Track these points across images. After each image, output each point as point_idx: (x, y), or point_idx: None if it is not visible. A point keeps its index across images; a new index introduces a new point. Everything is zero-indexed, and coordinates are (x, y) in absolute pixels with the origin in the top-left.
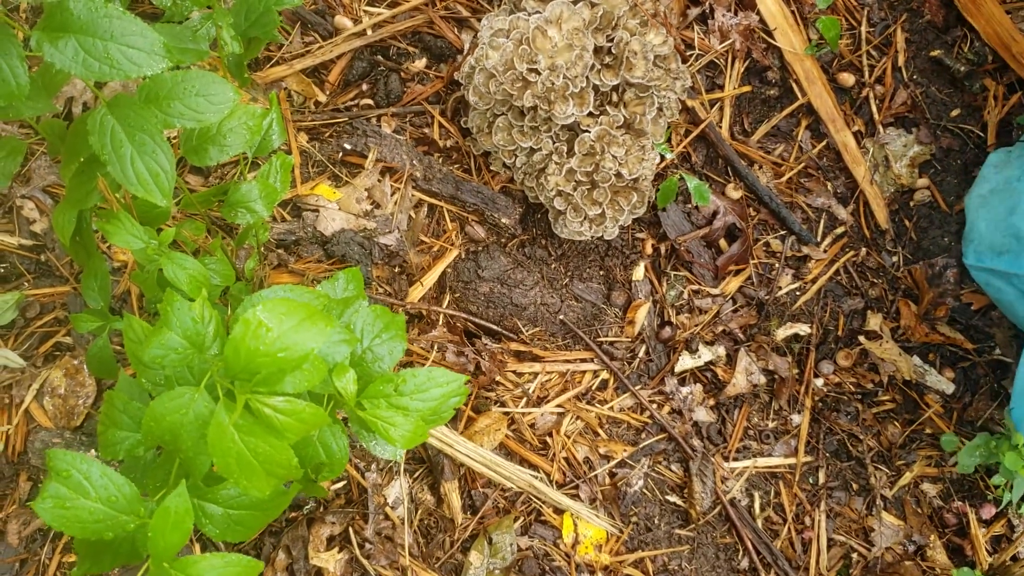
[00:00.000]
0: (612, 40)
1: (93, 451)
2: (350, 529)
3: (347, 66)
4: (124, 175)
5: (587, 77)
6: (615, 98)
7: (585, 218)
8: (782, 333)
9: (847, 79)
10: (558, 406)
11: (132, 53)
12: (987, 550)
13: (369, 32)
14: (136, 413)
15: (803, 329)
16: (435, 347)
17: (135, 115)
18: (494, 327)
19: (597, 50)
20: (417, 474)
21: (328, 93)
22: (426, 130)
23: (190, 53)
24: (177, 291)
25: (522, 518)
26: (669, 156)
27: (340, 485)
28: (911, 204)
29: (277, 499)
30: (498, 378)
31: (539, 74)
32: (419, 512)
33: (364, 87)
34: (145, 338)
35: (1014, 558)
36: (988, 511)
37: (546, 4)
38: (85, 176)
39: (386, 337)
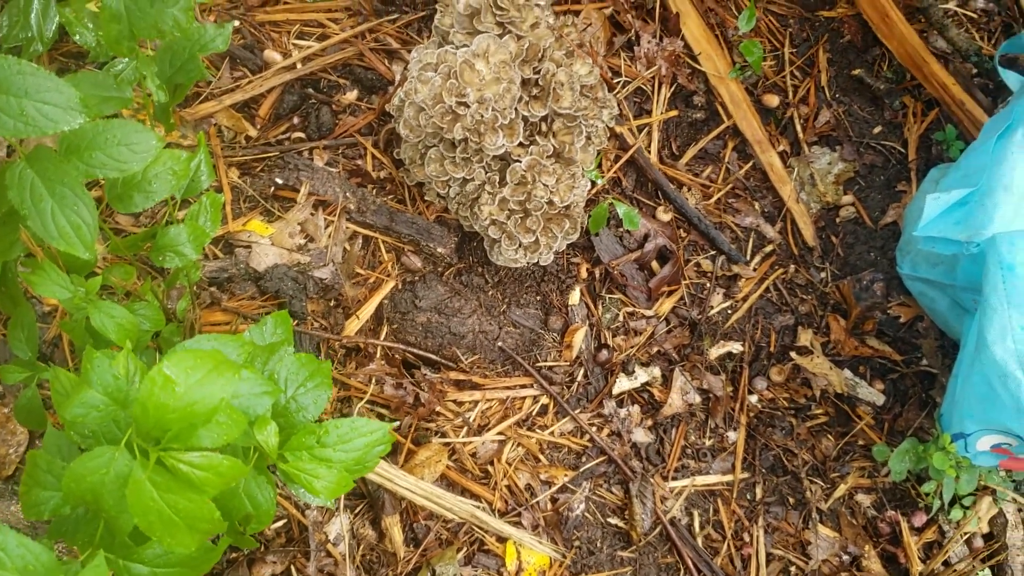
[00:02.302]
0: (539, 72)
1: None
2: (292, 567)
3: (277, 100)
4: (45, 229)
5: (516, 109)
6: (544, 128)
7: (520, 246)
8: (715, 352)
9: (772, 100)
10: (499, 434)
11: (47, 109)
12: (919, 557)
13: (299, 65)
14: (60, 472)
15: (736, 347)
16: (373, 380)
17: (55, 168)
18: (433, 357)
19: (525, 82)
20: (358, 509)
21: (259, 127)
22: (359, 162)
23: (113, 101)
24: (104, 341)
25: (465, 548)
26: (600, 182)
27: (280, 524)
28: (837, 221)
29: (205, 555)
30: (438, 408)
31: (468, 107)
32: (361, 548)
33: (295, 120)
34: (71, 392)
35: (945, 563)
36: (919, 519)
37: (473, 37)
38: (7, 228)
39: (311, 386)
